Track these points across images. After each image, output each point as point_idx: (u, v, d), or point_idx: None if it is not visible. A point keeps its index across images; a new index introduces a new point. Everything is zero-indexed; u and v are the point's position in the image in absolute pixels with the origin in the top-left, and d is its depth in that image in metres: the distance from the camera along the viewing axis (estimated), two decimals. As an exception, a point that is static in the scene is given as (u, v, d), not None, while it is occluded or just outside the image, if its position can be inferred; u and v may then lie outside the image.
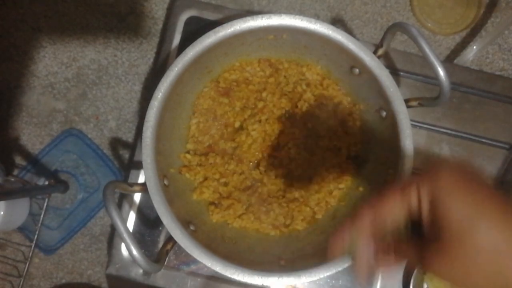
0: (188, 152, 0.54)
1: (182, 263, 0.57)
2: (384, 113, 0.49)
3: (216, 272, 0.45)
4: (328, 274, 0.45)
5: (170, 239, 0.46)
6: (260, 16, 0.47)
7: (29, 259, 0.66)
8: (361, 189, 0.53)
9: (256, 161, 0.54)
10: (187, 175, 0.53)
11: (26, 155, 0.72)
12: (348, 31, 0.72)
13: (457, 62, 0.67)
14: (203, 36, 0.47)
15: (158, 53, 0.72)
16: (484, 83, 0.61)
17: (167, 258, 0.45)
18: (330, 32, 0.47)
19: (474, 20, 0.71)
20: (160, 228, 0.58)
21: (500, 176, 0.60)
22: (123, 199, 0.59)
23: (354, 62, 0.49)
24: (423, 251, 0.26)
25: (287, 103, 0.55)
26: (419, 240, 0.27)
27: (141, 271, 0.57)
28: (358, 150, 0.54)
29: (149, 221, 0.58)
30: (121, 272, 0.57)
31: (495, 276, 0.23)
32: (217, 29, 0.47)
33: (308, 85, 0.54)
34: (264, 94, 0.54)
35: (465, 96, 0.61)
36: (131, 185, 0.45)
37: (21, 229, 0.69)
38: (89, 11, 0.73)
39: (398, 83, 0.60)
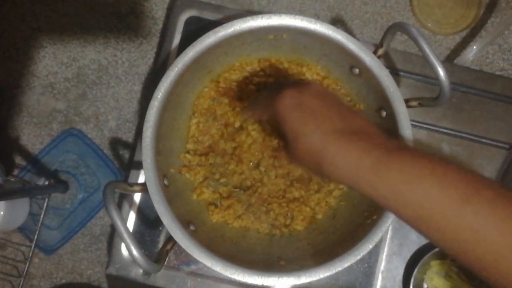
0: (188, 152, 0.54)
1: (182, 263, 0.57)
2: (384, 113, 0.49)
3: (216, 272, 0.45)
4: (328, 274, 0.45)
5: (170, 239, 0.46)
6: (260, 16, 0.47)
7: (29, 259, 0.66)
8: (361, 189, 0.53)
9: (256, 161, 0.54)
10: (187, 175, 0.53)
11: (26, 155, 0.72)
12: (348, 31, 0.72)
13: (457, 62, 0.67)
14: (203, 36, 0.47)
15: (158, 53, 0.72)
16: (484, 83, 0.61)
17: (167, 258, 0.45)
18: (330, 32, 0.47)
19: (474, 20, 0.71)
20: (160, 228, 0.58)
21: (500, 176, 0.60)
22: (123, 199, 0.59)
23: (354, 62, 0.49)
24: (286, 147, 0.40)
25: (287, 103, 0.55)
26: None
27: (141, 271, 0.57)
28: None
29: (149, 221, 0.58)
30: (121, 272, 0.57)
31: (312, 158, 0.36)
32: (217, 29, 0.47)
33: (308, 85, 0.54)
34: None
35: (465, 96, 0.61)
36: (131, 185, 0.45)
37: (21, 229, 0.69)
38: (89, 11, 0.73)
39: (398, 83, 0.60)
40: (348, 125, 0.35)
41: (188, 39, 0.57)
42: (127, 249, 0.38)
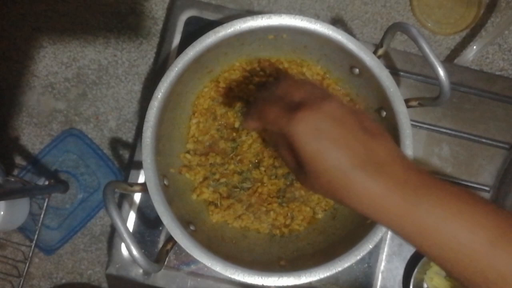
0: (188, 152, 0.54)
1: (182, 263, 0.57)
2: (384, 113, 0.49)
3: (216, 272, 0.45)
4: (328, 274, 0.45)
5: (170, 239, 0.46)
6: (260, 16, 0.47)
7: (29, 259, 0.66)
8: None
9: (256, 161, 0.54)
10: (187, 175, 0.53)
11: (26, 155, 0.72)
12: (348, 31, 0.72)
13: (457, 62, 0.67)
14: (203, 36, 0.47)
15: (158, 53, 0.72)
16: (484, 83, 0.61)
17: (167, 258, 0.45)
18: (330, 32, 0.47)
19: (474, 20, 0.71)
20: (160, 228, 0.58)
21: (500, 176, 0.60)
22: (123, 199, 0.59)
23: (354, 62, 0.49)
24: (297, 168, 0.36)
25: (287, 103, 0.55)
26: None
27: (141, 271, 0.57)
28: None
29: (149, 221, 0.58)
30: (121, 272, 0.57)
31: (332, 192, 0.33)
32: (217, 29, 0.47)
33: (308, 85, 0.54)
34: (264, 94, 0.54)
35: (465, 96, 0.61)
36: (131, 185, 0.45)
37: (21, 229, 0.69)
38: (89, 11, 0.73)
39: (398, 83, 0.60)
40: (371, 155, 0.32)
41: (188, 39, 0.57)
42: (127, 249, 0.38)
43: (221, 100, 0.54)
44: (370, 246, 0.45)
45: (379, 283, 0.58)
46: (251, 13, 0.56)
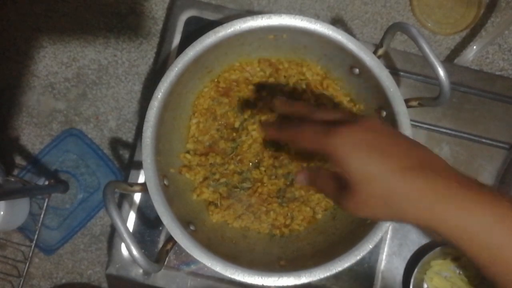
0: (188, 152, 0.54)
1: (182, 263, 0.57)
2: (384, 113, 0.49)
3: (216, 272, 0.45)
4: (328, 274, 0.45)
5: (170, 239, 0.46)
6: (260, 16, 0.47)
7: (29, 259, 0.66)
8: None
9: (256, 161, 0.54)
10: (187, 175, 0.53)
11: (26, 155, 0.72)
12: (348, 31, 0.72)
13: (457, 62, 0.67)
14: (203, 36, 0.47)
15: (158, 53, 0.72)
16: (484, 83, 0.61)
17: (167, 258, 0.45)
18: (330, 32, 0.47)
19: (474, 20, 0.71)
20: (160, 228, 0.58)
21: (500, 176, 0.60)
22: (123, 199, 0.59)
23: (354, 62, 0.49)
24: (338, 194, 0.36)
25: (287, 103, 0.55)
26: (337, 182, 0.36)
27: (141, 271, 0.57)
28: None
29: (149, 221, 0.58)
30: (121, 272, 0.57)
31: (382, 201, 0.33)
32: (217, 29, 0.47)
33: (308, 85, 0.54)
34: (264, 94, 0.54)
35: (465, 96, 0.61)
36: (131, 185, 0.45)
37: (21, 229, 0.69)
38: (89, 11, 0.73)
39: (398, 83, 0.60)
40: (416, 160, 0.32)
41: (188, 39, 0.57)
42: (127, 249, 0.38)
43: (221, 100, 0.54)
44: (370, 246, 0.45)
45: (379, 283, 0.58)
46: (251, 13, 0.56)
